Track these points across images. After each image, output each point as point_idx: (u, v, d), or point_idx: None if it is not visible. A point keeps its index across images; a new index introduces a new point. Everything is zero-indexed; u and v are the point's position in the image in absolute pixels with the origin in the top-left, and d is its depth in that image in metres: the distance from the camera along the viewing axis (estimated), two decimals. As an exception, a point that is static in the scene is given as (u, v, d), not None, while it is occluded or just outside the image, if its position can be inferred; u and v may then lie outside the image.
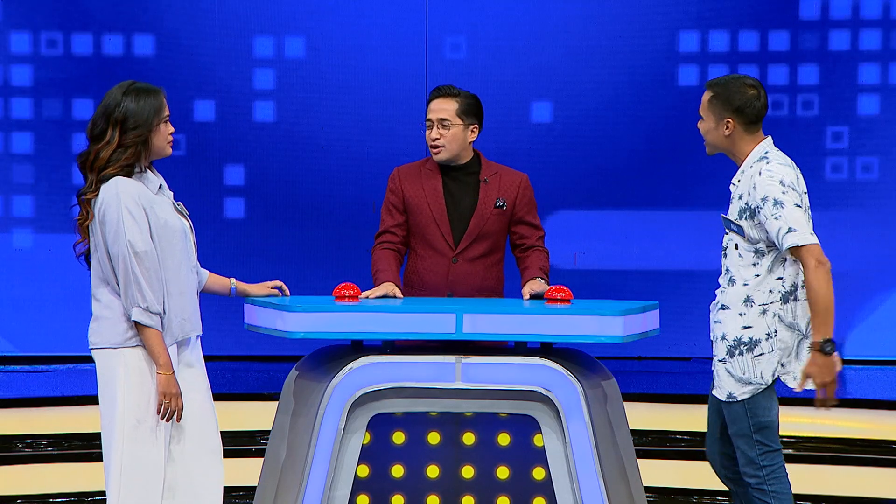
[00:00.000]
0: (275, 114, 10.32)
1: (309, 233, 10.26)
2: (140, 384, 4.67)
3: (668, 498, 7.18)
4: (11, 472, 7.21)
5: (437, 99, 5.72)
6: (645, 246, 10.26)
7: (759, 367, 4.94)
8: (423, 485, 4.92)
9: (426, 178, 5.72)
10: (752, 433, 4.96)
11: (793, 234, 4.84)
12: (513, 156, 10.11)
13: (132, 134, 4.69)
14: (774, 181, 4.88)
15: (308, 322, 4.81)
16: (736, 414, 4.98)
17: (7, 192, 10.24)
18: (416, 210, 5.69)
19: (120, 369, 4.68)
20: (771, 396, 4.98)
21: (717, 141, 5.04)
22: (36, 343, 10.17)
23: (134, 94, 4.72)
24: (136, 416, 4.66)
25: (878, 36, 10.17)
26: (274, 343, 5.56)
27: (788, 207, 4.85)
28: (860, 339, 10.20)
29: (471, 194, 5.71)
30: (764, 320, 4.93)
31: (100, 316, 4.72)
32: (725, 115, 5.00)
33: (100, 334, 4.72)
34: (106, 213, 4.65)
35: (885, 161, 10.20)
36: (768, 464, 4.96)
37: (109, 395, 4.69)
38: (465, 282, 5.64)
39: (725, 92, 5.01)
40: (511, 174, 5.78)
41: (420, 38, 10.19)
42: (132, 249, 4.62)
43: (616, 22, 10.22)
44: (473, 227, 5.66)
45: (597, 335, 4.85)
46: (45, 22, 10.17)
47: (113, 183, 4.66)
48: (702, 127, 5.08)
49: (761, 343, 4.94)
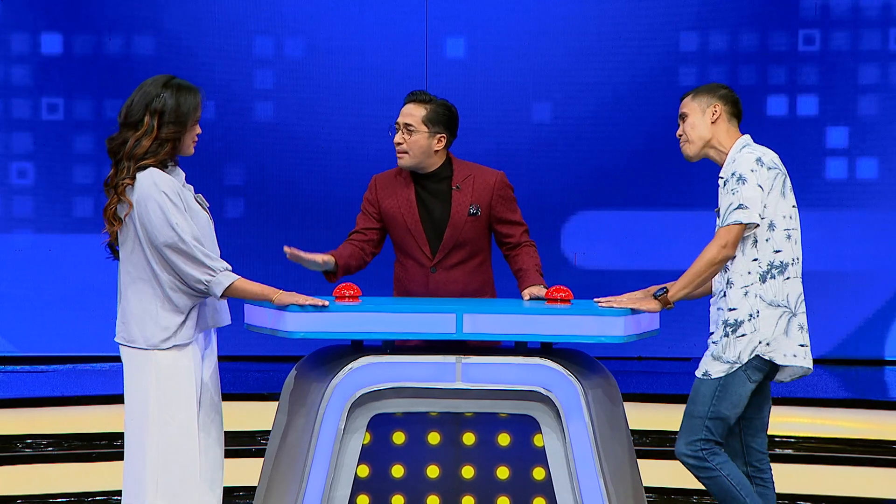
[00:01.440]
0: (275, 114, 10.32)
1: (309, 233, 10.26)
2: (171, 382, 4.69)
3: (668, 498, 7.18)
4: (11, 472, 7.21)
5: (409, 104, 5.67)
6: (645, 246, 10.27)
7: (737, 347, 4.96)
8: (423, 485, 4.92)
9: (400, 188, 5.67)
10: (707, 417, 4.97)
11: (742, 211, 4.92)
12: (513, 156, 10.13)
13: (169, 128, 4.68)
14: (752, 157, 4.99)
15: (308, 322, 4.81)
16: (703, 393, 4.99)
17: (7, 192, 10.24)
18: (392, 221, 5.67)
19: (151, 370, 4.69)
20: (744, 395, 4.98)
21: (703, 131, 5.11)
22: (36, 343, 10.17)
23: (175, 89, 4.71)
24: (169, 413, 4.68)
25: (878, 36, 10.17)
26: (274, 343, 5.56)
27: (749, 185, 4.94)
28: (860, 339, 10.20)
29: (443, 202, 5.65)
30: (746, 301, 4.97)
31: (132, 313, 4.70)
32: (712, 102, 5.10)
33: (130, 332, 4.71)
34: (146, 204, 4.63)
35: (885, 161, 10.20)
36: (707, 448, 4.98)
37: (140, 394, 4.70)
38: (445, 289, 5.62)
39: (707, 87, 5.18)
40: (485, 174, 5.68)
41: (420, 38, 10.19)
42: (181, 233, 4.61)
43: (616, 22, 10.22)
44: (448, 238, 5.62)
45: (597, 335, 4.85)
46: (45, 22, 10.18)
47: (148, 174, 4.65)
48: (686, 126, 5.14)
49: (744, 324, 4.97)
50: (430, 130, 5.61)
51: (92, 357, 9.96)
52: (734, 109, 5.14)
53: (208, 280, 4.65)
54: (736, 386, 4.98)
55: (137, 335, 4.69)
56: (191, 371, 4.71)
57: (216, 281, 4.66)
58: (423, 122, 5.61)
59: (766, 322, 4.96)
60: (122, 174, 4.67)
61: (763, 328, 4.96)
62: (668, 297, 4.99)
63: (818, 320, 9.97)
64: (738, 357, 4.97)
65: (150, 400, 4.68)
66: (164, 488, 4.67)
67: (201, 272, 4.64)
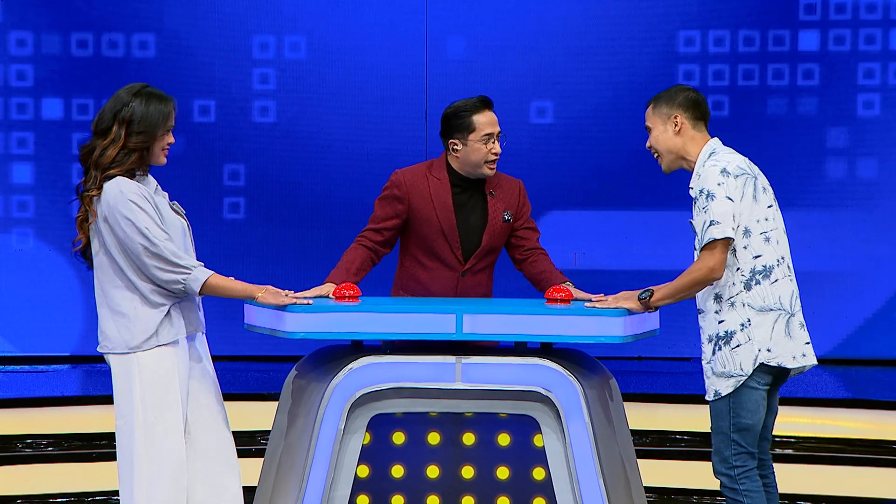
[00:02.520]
0: (275, 114, 10.32)
1: (308, 233, 10.26)
2: (156, 382, 4.68)
3: (668, 498, 7.18)
4: (11, 472, 7.21)
5: (488, 111, 5.55)
6: (645, 246, 10.26)
7: (737, 358, 4.89)
8: (423, 485, 4.92)
9: (434, 188, 5.57)
10: (731, 432, 4.93)
11: (715, 227, 4.85)
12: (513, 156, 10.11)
13: (137, 138, 4.67)
14: (716, 170, 4.90)
15: (308, 322, 4.81)
16: (720, 411, 4.94)
17: (7, 192, 10.24)
18: (424, 222, 5.56)
19: (135, 372, 4.68)
20: (759, 400, 4.93)
21: (669, 143, 5.04)
22: (36, 343, 10.17)
23: (144, 98, 4.70)
24: (154, 413, 4.67)
25: (878, 36, 10.17)
26: (274, 343, 5.55)
27: (718, 199, 4.86)
28: (860, 339, 10.20)
29: (480, 208, 5.60)
30: (735, 312, 4.90)
31: (113, 319, 4.70)
32: (672, 113, 5.02)
33: (111, 339, 4.71)
34: (115, 212, 4.63)
35: (885, 161, 10.20)
36: (741, 464, 4.92)
37: (126, 395, 4.70)
38: (471, 293, 5.59)
39: (666, 95, 5.07)
40: (510, 181, 5.68)
41: (420, 38, 10.19)
42: (152, 237, 4.61)
43: (616, 22, 10.22)
44: (486, 244, 5.58)
45: (597, 335, 4.85)
46: (45, 22, 10.17)
47: (115, 183, 4.65)
48: (652, 139, 5.09)
49: (736, 334, 4.90)
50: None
51: (92, 357, 9.96)
52: (696, 113, 5.03)
53: (184, 279, 4.64)
54: (746, 397, 4.91)
55: (118, 341, 4.68)
56: (174, 371, 4.70)
57: (192, 278, 4.65)
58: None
59: (759, 329, 4.89)
60: (88, 183, 4.68)
61: (758, 335, 4.89)
62: (649, 302, 4.95)
63: (818, 320, 9.99)
64: (740, 369, 4.89)
65: (135, 401, 4.67)
66: (153, 488, 4.66)
67: (176, 273, 4.64)
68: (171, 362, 4.70)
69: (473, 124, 5.52)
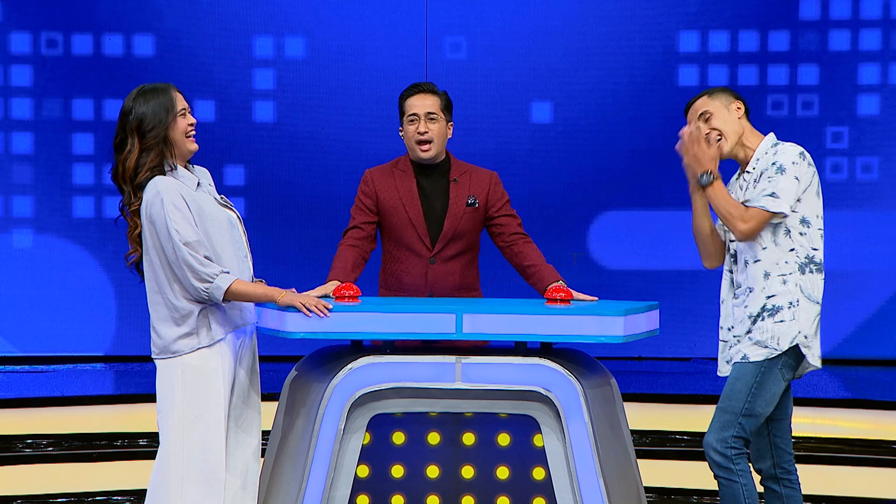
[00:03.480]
0: (275, 114, 10.32)
1: (309, 233, 10.26)
2: (198, 382, 4.70)
3: (668, 498, 7.18)
4: (11, 472, 7.21)
5: (419, 94, 5.66)
6: (645, 246, 10.27)
7: (777, 331, 4.91)
8: (423, 485, 4.92)
9: (400, 180, 5.68)
10: (741, 414, 4.93)
11: (772, 200, 4.90)
12: (513, 156, 10.14)
13: (150, 136, 4.70)
14: (796, 151, 4.99)
15: (308, 322, 4.81)
16: (737, 391, 4.93)
17: (7, 192, 10.24)
18: (392, 212, 5.65)
19: (177, 372, 4.71)
20: (778, 393, 4.95)
21: (735, 126, 5.09)
22: (36, 343, 10.17)
23: (143, 97, 4.73)
24: (194, 413, 4.69)
25: (878, 36, 10.17)
26: (274, 343, 5.55)
27: (787, 176, 4.92)
28: (860, 339, 10.20)
29: (443, 194, 5.68)
30: (786, 289, 4.94)
31: (156, 324, 4.74)
32: (731, 100, 5.11)
33: (157, 346, 4.75)
34: (152, 214, 4.66)
35: (885, 161, 10.20)
36: (738, 447, 4.93)
37: (167, 396, 4.72)
38: (443, 281, 5.64)
39: (718, 89, 5.16)
40: (480, 172, 5.74)
41: (420, 38, 10.19)
42: (182, 240, 4.63)
43: (616, 22, 10.23)
44: (448, 228, 5.64)
45: (597, 335, 4.85)
46: (45, 22, 10.18)
47: (152, 184, 4.68)
48: (718, 121, 5.08)
49: (783, 310, 4.92)
50: (446, 118, 5.67)
51: (92, 357, 9.97)
52: (748, 108, 5.15)
53: (206, 287, 4.66)
54: (771, 384, 4.94)
55: (162, 346, 4.72)
56: (218, 372, 4.72)
57: (215, 286, 4.66)
58: (442, 109, 5.65)
59: (806, 314, 4.94)
60: (127, 199, 4.72)
61: (803, 320, 4.93)
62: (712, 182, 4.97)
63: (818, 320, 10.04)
64: (777, 343, 4.91)
65: (175, 400, 4.70)
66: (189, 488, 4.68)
67: (197, 280, 4.65)
68: (216, 363, 4.71)
69: (404, 107, 5.67)
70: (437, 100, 5.66)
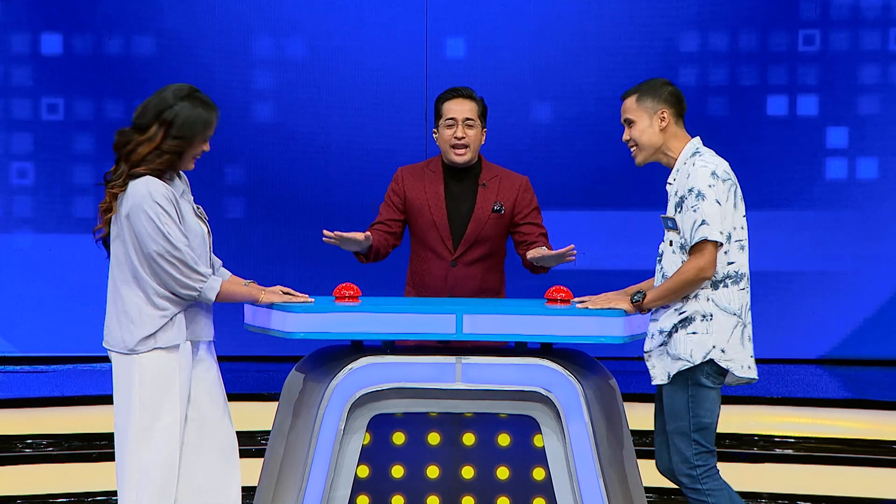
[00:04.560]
0: (275, 114, 10.31)
1: (309, 233, 10.25)
2: (155, 385, 4.67)
3: (668, 498, 7.18)
4: (11, 472, 7.21)
5: (457, 99, 5.70)
6: (645, 246, 10.25)
7: (689, 344, 4.84)
8: (423, 485, 4.92)
9: (429, 181, 5.72)
10: (692, 432, 4.89)
11: (705, 227, 4.85)
12: (513, 156, 10.12)
13: (173, 141, 4.65)
14: (707, 171, 4.89)
15: (308, 322, 4.81)
16: (678, 411, 4.89)
17: (7, 192, 10.24)
18: (418, 213, 5.70)
19: (135, 372, 4.67)
20: (715, 399, 4.90)
21: (652, 139, 5.05)
22: (36, 343, 10.16)
23: (190, 102, 4.66)
24: (150, 415, 4.66)
25: (878, 36, 10.17)
26: (274, 343, 5.55)
27: (709, 201, 4.86)
28: (860, 339, 10.20)
29: (470, 198, 5.71)
30: (697, 303, 4.86)
31: (118, 316, 4.70)
32: (658, 108, 5.02)
33: (115, 336, 4.70)
34: (139, 212, 4.60)
35: (885, 161, 10.20)
36: (702, 463, 4.90)
37: (124, 396, 4.70)
38: (464, 285, 5.65)
39: (650, 89, 5.09)
40: (511, 177, 5.77)
41: (420, 38, 10.19)
42: (178, 242, 4.61)
43: (616, 22, 10.22)
44: (471, 232, 5.67)
45: (597, 335, 4.85)
46: (45, 22, 10.17)
47: (144, 182, 4.62)
48: (633, 131, 5.08)
49: (695, 321, 4.85)
50: (482, 125, 5.71)
51: (92, 357, 9.96)
52: (679, 109, 5.04)
53: (201, 286, 4.64)
54: (704, 395, 4.87)
55: (123, 338, 4.68)
56: (175, 375, 4.68)
57: (208, 286, 4.66)
58: (479, 116, 5.69)
59: (721, 327, 4.86)
60: (114, 174, 4.67)
61: (717, 332, 4.85)
62: (642, 305, 4.92)
63: (818, 320, 10.04)
64: (690, 355, 4.84)
65: (133, 402, 4.67)
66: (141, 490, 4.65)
67: (194, 279, 4.64)
68: (172, 366, 4.68)
69: (442, 110, 5.72)
70: (475, 106, 5.70)
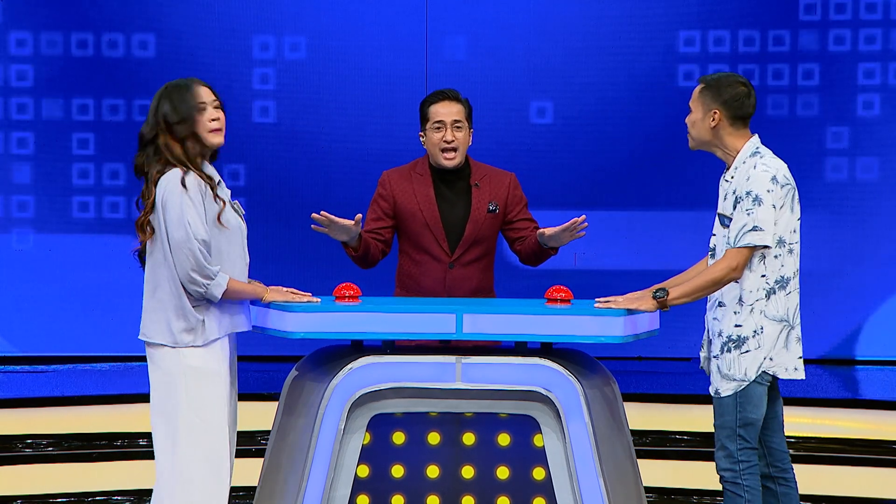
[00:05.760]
0: (275, 114, 10.32)
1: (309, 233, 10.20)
2: (200, 384, 4.70)
3: (668, 498, 7.18)
4: (11, 472, 7.21)
5: (444, 101, 5.67)
6: (645, 246, 10.26)
7: (743, 363, 4.95)
8: (423, 485, 4.92)
9: (417, 184, 5.69)
10: (737, 427, 4.97)
11: (756, 234, 4.88)
12: (513, 156, 10.12)
13: (178, 129, 4.71)
14: (767, 176, 4.92)
15: (308, 322, 4.81)
16: (725, 407, 4.99)
17: (7, 192, 10.23)
18: (409, 216, 5.67)
19: (179, 369, 4.69)
20: (762, 395, 4.99)
21: (701, 133, 5.07)
22: (36, 343, 10.17)
23: (167, 96, 4.74)
24: (199, 415, 4.69)
25: (878, 36, 10.17)
26: (274, 343, 5.55)
27: (765, 206, 4.89)
28: (861, 340, 10.20)
29: (463, 199, 5.69)
30: (752, 318, 4.96)
31: (156, 309, 4.72)
32: (713, 107, 5.03)
33: (153, 328, 4.72)
34: (167, 200, 4.65)
35: (885, 161, 10.20)
36: (745, 459, 4.99)
37: (170, 393, 4.71)
38: (462, 286, 5.65)
39: (716, 85, 5.06)
40: (499, 175, 5.76)
41: (420, 38, 10.19)
42: (194, 234, 4.63)
43: (615, 22, 10.22)
44: (469, 234, 5.66)
45: (597, 335, 4.85)
46: (45, 22, 10.17)
47: (173, 173, 4.68)
48: (689, 119, 5.11)
49: (748, 340, 4.96)
50: (468, 126, 5.69)
51: (92, 357, 9.96)
52: (738, 112, 5.02)
53: (207, 284, 4.66)
54: (752, 391, 4.97)
55: (161, 330, 4.70)
56: (219, 373, 4.72)
57: (216, 283, 4.67)
58: (466, 117, 5.67)
59: (769, 338, 4.96)
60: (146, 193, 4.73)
61: (766, 343, 4.96)
62: (666, 301, 4.97)
63: (818, 320, 10.03)
64: (745, 374, 4.96)
65: (180, 401, 4.68)
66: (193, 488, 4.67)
67: (201, 275, 4.65)
68: (217, 364, 4.72)
69: (428, 113, 5.67)
70: (461, 108, 5.68)
